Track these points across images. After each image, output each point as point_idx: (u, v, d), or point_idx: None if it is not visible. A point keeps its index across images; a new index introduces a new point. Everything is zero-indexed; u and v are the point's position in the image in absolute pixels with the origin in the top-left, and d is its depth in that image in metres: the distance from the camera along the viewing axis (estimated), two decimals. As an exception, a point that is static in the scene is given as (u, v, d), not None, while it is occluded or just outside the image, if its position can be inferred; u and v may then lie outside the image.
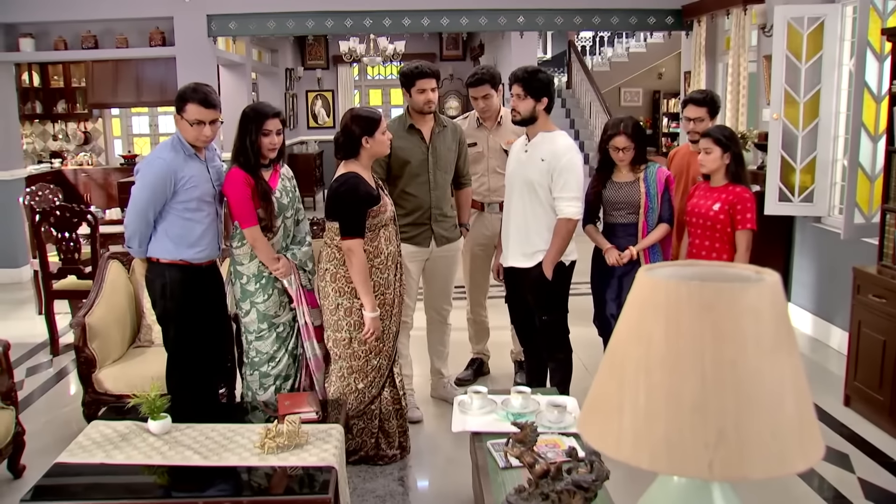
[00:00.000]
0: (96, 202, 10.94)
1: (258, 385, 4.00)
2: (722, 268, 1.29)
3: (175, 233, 3.78)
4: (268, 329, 3.97)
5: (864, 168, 5.04)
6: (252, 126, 3.82)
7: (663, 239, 4.31)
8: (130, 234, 3.81)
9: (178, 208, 3.75)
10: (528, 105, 4.03)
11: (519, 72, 4.06)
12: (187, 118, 3.70)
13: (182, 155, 3.75)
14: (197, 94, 3.70)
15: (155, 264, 3.85)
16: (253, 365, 4.01)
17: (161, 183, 3.68)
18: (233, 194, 3.81)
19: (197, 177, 3.77)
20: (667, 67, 13.68)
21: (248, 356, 4.01)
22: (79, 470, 3.06)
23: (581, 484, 2.36)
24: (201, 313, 3.91)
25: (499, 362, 5.31)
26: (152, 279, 3.88)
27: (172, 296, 3.82)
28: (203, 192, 3.80)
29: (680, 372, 1.10)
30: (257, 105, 3.99)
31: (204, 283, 3.94)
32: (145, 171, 3.74)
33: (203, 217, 3.83)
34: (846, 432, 4.38)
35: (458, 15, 8.48)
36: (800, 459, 1.10)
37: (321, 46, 14.57)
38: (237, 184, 3.81)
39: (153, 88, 10.70)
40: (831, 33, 5.62)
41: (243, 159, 3.83)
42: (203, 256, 3.87)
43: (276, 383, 4.01)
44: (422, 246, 4.47)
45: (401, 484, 3.84)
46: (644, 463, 1.10)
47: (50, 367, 5.60)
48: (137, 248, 3.84)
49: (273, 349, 3.99)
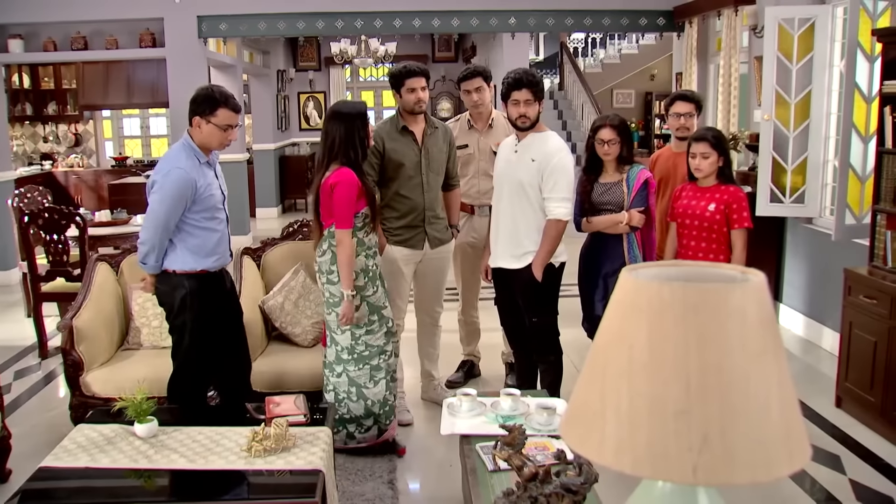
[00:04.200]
0: (87, 204, 10.90)
1: (367, 378, 4.00)
2: (706, 268, 1.27)
3: (193, 243, 3.72)
4: (378, 322, 3.99)
5: (855, 169, 5.04)
6: (359, 122, 3.83)
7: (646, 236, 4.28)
8: (148, 249, 3.69)
9: (195, 218, 3.69)
10: (535, 109, 4.03)
11: (524, 77, 3.99)
12: (217, 122, 3.66)
13: (197, 162, 3.70)
14: (228, 99, 3.70)
15: (170, 275, 3.76)
16: (362, 359, 3.99)
17: (182, 193, 3.61)
18: (343, 194, 3.75)
19: (211, 184, 3.75)
20: (659, 69, 13.68)
21: (355, 352, 3.99)
22: (64, 474, 3.02)
23: (569, 487, 2.34)
24: (218, 319, 3.89)
25: (490, 364, 5.29)
26: (168, 291, 3.78)
27: (192, 306, 3.76)
28: (217, 200, 3.78)
29: (663, 376, 1.08)
30: (356, 103, 4.02)
31: (220, 288, 3.92)
32: (164, 183, 3.63)
33: (217, 225, 3.80)
34: (837, 434, 4.37)
35: (449, 16, 8.47)
36: (785, 464, 1.08)
37: (313, 48, 14.53)
38: (350, 183, 3.76)
39: (144, 90, 10.66)
40: (822, 34, 5.62)
41: (353, 156, 3.81)
42: (220, 264, 3.85)
43: (386, 376, 4.05)
44: (415, 248, 4.45)
45: (390, 487, 3.81)
46: (627, 468, 1.08)
47: (38, 369, 5.56)
48: (153, 264, 3.73)
49: (383, 342, 4.03)
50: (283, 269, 4.71)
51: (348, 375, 4.00)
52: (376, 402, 4.02)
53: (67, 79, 11.50)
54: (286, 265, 4.73)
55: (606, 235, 4.24)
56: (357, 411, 4.01)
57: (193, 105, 3.70)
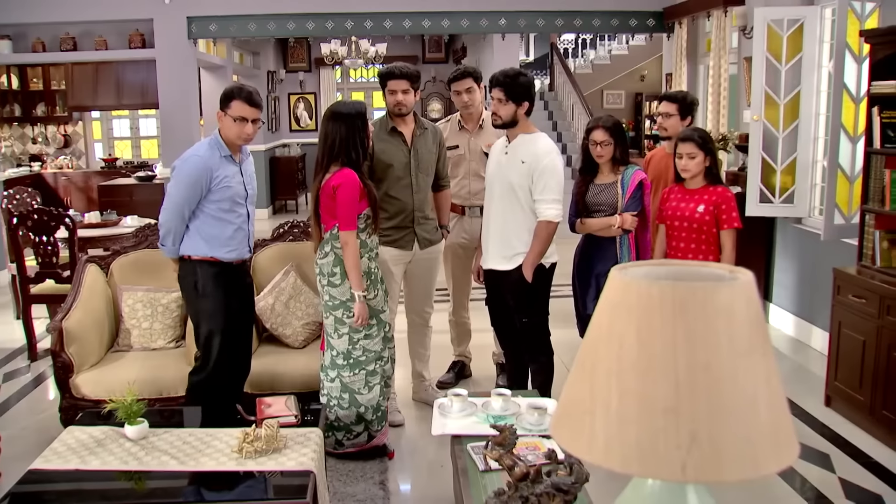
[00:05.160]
0: (76, 206, 10.82)
1: (362, 383, 3.98)
2: (695, 267, 1.27)
3: (207, 232, 3.84)
4: (376, 326, 3.99)
5: (844, 169, 5.06)
6: (359, 122, 3.84)
7: (640, 237, 4.29)
8: (165, 231, 3.86)
9: (211, 208, 3.82)
10: (508, 109, 4.01)
11: (499, 76, 4.03)
12: (231, 114, 3.77)
13: (218, 154, 3.81)
14: (242, 91, 3.81)
15: (187, 262, 3.91)
16: (358, 364, 3.97)
17: (197, 179, 3.75)
18: (347, 195, 3.77)
19: (230, 178, 3.84)
20: (649, 70, 13.71)
21: (351, 357, 3.97)
22: (53, 476, 3.01)
23: (560, 486, 2.34)
24: (233, 310, 3.94)
25: (481, 365, 5.29)
26: (184, 276, 3.93)
27: (205, 292, 3.88)
28: (235, 194, 3.86)
29: (652, 374, 1.08)
30: (355, 102, 4.02)
31: (236, 280, 3.99)
32: (181, 168, 3.81)
33: (235, 218, 3.88)
34: (827, 433, 4.39)
35: (439, 17, 8.48)
36: (773, 461, 1.08)
37: (303, 49, 14.50)
38: (353, 184, 3.78)
39: (134, 91, 10.58)
40: (810, 35, 5.65)
41: (354, 157, 3.82)
42: (234, 256, 3.92)
43: (381, 382, 4.04)
44: (405, 249, 4.45)
45: (382, 487, 3.81)
46: (616, 465, 1.09)
47: (28, 372, 5.53)
48: (171, 247, 3.89)
49: (380, 348, 4.02)
50: (274, 270, 4.70)
51: (342, 381, 3.98)
52: (369, 408, 4.00)
53: (56, 80, 11.42)
54: (277, 266, 4.72)
55: (600, 237, 4.25)
56: (347, 419, 3.99)
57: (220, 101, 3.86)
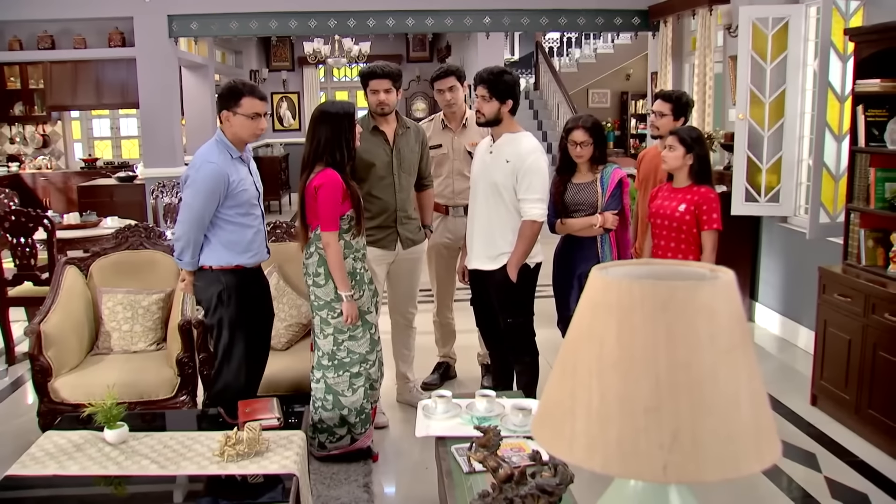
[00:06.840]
0: (56, 207, 10.72)
1: (346, 385, 3.92)
2: (676, 266, 1.25)
3: (228, 239, 3.72)
4: (362, 327, 3.92)
5: (829, 168, 5.07)
6: (346, 123, 3.78)
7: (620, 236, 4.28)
8: (184, 245, 3.70)
9: (229, 213, 3.70)
10: (492, 107, 3.98)
11: (483, 73, 4.01)
12: (244, 112, 3.66)
13: (229, 157, 3.70)
14: (248, 87, 3.72)
15: (207, 272, 3.76)
16: (342, 366, 3.92)
17: (215, 187, 3.62)
18: (328, 196, 3.71)
19: (245, 179, 3.75)
20: (635, 69, 13.74)
21: (335, 358, 3.92)
22: (31, 482, 2.95)
23: (545, 488, 2.32)
24: (254, 315, 3.88)
25: (465, 366, 5.26)
26: (204, 287, 3.78)
27: (229, 302, 3.76)
28: (250, 195, 3.77)
29: (633, 374, 1.06)
30: (344, 102, 3.96)
31: (257, 284, 3.92)
32: (196, 178, 3.65)
33: (252, 220, 3.79)
34: (813, 432, 4.38)
35: (423, 15, 8.45)
36: (755, 461, 1.07)
37: (286, 48, 14.46)
38: (335, 185, 3.72)
39: (114, 90, 10.49)
40: (795, 34, 5.66)
41: (339, 157, 3.76)
42: (255, 261, 3.84)
43: (366, 384, 3.97)
44: (387, 249, 4.42)
45: (366, 490, 3.78)
46: (597, 466, 1.06)
47: (5, 376, 5.45)
48: (189, 260, 3.74)
49: (365, 350, 3.96)
50: (257, 270, 4.65)
51: (326, 382, 3.94)
52: (352, 410, 3.95)
53: (35, 79, 11.30)
54: (260, 267, 4.67)
55: (581, 237, 4.23)
56: (330, 421, 3.95)
57: (220, 101, 3.75)
